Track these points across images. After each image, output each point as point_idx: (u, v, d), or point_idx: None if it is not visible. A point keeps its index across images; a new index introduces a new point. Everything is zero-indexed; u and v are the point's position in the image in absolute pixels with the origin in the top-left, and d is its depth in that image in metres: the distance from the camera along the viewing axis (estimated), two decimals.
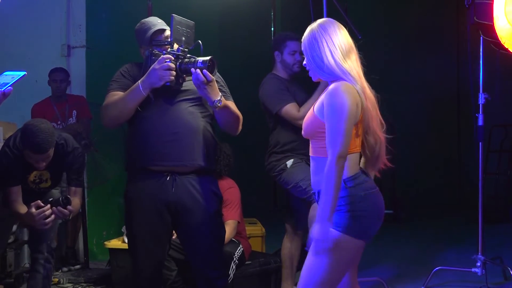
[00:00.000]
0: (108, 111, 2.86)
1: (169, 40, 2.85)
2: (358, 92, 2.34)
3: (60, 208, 3.20)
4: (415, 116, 8.52)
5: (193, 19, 2.91)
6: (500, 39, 4.04)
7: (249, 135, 7.20)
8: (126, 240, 4.11)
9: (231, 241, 3.83)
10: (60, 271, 4.85)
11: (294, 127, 3.72)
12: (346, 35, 2.42)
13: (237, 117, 2.95)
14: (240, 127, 3.01)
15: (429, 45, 8.53)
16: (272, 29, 7.82)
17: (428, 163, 8.64)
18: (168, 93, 2.82)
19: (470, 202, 5.70)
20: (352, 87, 2.33)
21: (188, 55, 2.81)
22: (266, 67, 6.40)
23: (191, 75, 2.75)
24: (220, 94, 2.79)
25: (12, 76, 2.17)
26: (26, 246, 4.63)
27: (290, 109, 3.70)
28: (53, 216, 3.20)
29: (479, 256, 4.22)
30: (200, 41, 2.83)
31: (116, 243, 4.25)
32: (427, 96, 8.63)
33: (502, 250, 5.18)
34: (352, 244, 2.33)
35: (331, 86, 2.35)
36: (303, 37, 2.46)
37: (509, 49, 4.08)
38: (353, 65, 2.38)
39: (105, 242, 4.40)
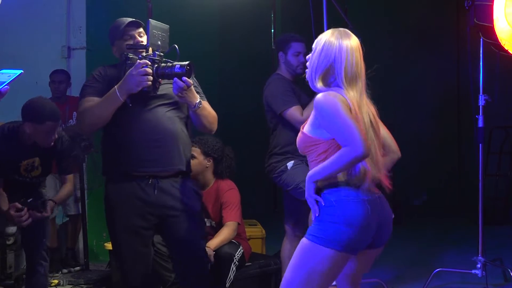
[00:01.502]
0: (86, 118, 2.86)
1: (144, 43, 2.87)
2: (351, 103, 2.28)
3: (35, 212, 3.31)
4: (415, 118, 8.52)
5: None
6: (500, 41, 4.04)
7: (248, 136, 7.23)
8: None
9: (231, 242, 3.83)
10: (60, 272, 4.85)
11: (295, 128, 3.72)
12: (358, 53, 2.37)
13: (214, 116, 3.00)
14: (216, 126, 3.04)
15: (429, 47, 8.53)
16: (272, 30, 7.82)
17: (428, 164, 8.64)
18: (145, 98, 2.83)
19: (470, 203, 5.70)
20: (339, 94, 2.29)
21: (164, 59, 2.83)
22: (266, 67, 6.37)
23: (167, 79, 2.79)
24: (199, 96, 2.83)
25: (8, 75, 2.15)
26: None
27: (294, 111, 3.71)
28: (30, 219, 3.29)
29: (479, 257, 4.22)
30: (176, 45, 2.82)
31: None
32: (427, 97, 8.64)
33: (502, 251, 5.17)
34: (322, 253, 2.24)
35: (318, 96, 2.30)
36: (321, 37, 2.40)
37: (509, 50, 4.08)
38: (354, 79, 2.33)
39: (105, 244, 4.39)
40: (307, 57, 2.51)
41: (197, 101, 2.81)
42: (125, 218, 2.85)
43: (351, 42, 2.35)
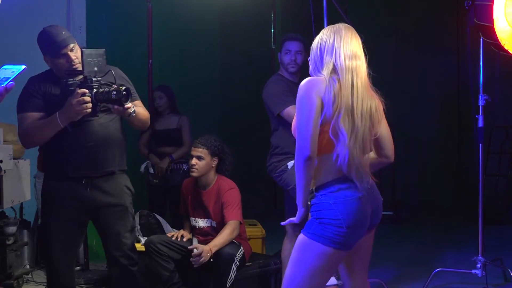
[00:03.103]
0: (27, 139, 3.11)
1: (78, 59, 2.99)
2: (330, 90, 2.31)
3: None
4: (415, 117, 8.51)
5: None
6: (500, 41, 4.04)
7: (249, 135, 7.23)
8: None
9: (232, 242, 3.83)
10: None
11: None
12: (356, 43, 2.43)
13: (145, 116, 3.22)
14: (149, 123, 3.31)
15: (429, 47, 8.52)
16: (272, 30, 7.82)
17: (428, 164, 8.63)
18: None
19: (470, 203, 5.70)
20: (322, 81, 2.33)
21: (102, 82, 2.97)
22: (265, 67, 6.35)
23: (106, 103, 2.96)
24: (133, 107, 2.98)
25: (12, 70, 2.15)
26: (26, 247, 4.64)
27: (291, 111, 3.70)
28: None
29: (479, 257, 4.22)
30: (112, 70, 3.01)
31: None
32: (427, 97, 8.62)
33: (502, 251, 5.17)
34: (321, 250, 2.32)
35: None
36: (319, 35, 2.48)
37: (509, 50, 4.08)
38: (349, 69, 2.36)
39: None
40: (309, 59, 2.54)
41: (131, 111, 2.96)
42: (60, 212, 3.12)
43: (345, 30, 2.43)
